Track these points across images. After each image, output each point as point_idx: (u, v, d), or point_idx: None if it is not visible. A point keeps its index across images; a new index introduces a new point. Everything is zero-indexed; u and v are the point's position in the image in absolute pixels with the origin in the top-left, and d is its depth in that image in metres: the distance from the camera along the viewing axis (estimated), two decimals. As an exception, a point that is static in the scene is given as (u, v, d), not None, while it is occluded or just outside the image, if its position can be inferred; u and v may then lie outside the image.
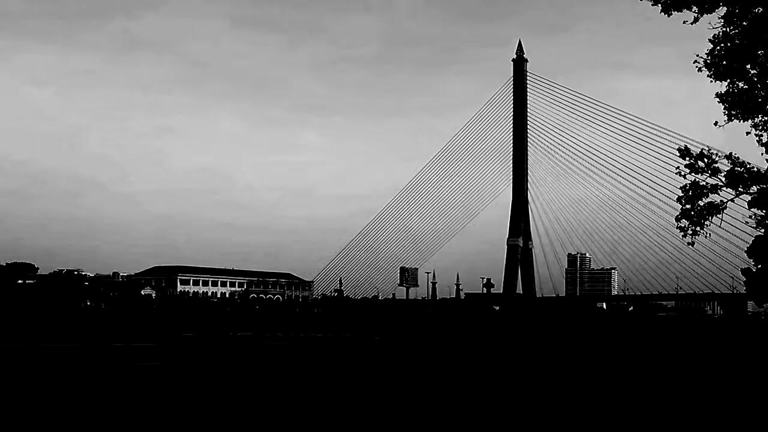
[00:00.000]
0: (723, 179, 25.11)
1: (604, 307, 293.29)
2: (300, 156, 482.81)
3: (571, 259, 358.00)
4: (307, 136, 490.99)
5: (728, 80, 23.03)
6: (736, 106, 23.17)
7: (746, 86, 23.05)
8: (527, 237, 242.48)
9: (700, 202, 25.15)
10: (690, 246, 27.23)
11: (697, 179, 25.22)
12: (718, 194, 25.58)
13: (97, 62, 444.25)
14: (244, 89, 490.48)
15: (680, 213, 25.38)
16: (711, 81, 23.13)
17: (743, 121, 23.52)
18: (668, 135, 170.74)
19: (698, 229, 25.28)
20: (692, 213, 25.10)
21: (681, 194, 25.40)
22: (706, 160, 25.21)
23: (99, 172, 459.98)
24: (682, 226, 25.35)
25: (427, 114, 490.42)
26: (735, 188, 25.32)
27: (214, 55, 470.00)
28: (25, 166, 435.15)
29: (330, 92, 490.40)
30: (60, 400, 24.56)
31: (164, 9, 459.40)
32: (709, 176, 25.12)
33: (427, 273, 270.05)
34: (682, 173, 25.62)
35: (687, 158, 25.54)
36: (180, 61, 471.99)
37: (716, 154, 25.48)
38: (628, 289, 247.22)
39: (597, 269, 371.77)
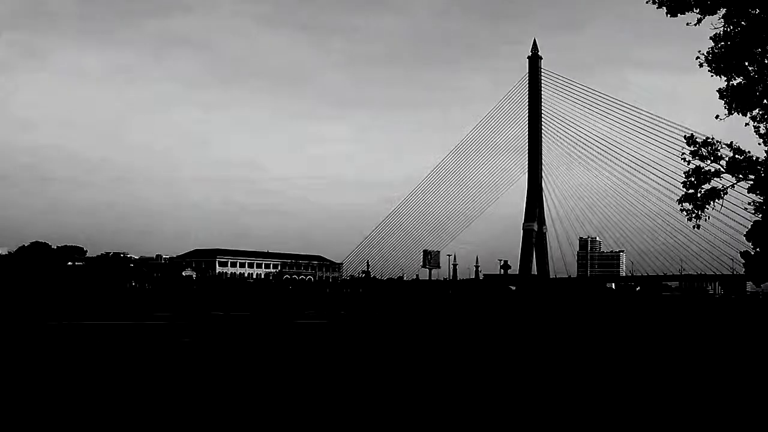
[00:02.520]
0: (724, 166, 25.47)
1: (613, 287, 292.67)
2: (328, 147, 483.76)
3: (583, 242, 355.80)
4: (334, 128, 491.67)
5: (728, 76, 23.40)
6: (735, 100, 23.52)
7: (744, 82, 23.41)
8: (541, 222, 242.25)
9: (703, 186, 25.53)
10: (695, 229, 27.57)
11: (700, 165, 25.58)
12: (720, 180, 25.96)
13: (139, 59, 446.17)
14: (276, 84, 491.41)
15: (683, 196, 25.76)
16: (712, 76, 23.52)
17: (742, 114, 23.88)
18: (673, 127, 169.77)
19: (700, 212, 25.65)
20: (695, 196, 25.49)
21: (685, 179, 25.79)
22: (709, 147, 25.57)
23: (142, 161, 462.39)
24: (686, 208, 25.73)
25: (447, 108, 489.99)
26: (735, 175, 25.67)
27: (248, 52, 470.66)
28: (75, 155, 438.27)
29: (356, 87, 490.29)
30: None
31: (201, 9, 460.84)
32: (712, 162, 25.49)
33: (449, 255, 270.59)
34: (687, 159, 25.99)
35: (692, 145, 25.92)
36: (216, 58, 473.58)
37: (719, 143, 25.84)
38: (635, 271, 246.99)
39: (606, 252, 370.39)
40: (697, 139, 25.85)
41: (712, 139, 25.84)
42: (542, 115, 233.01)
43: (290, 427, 16.56)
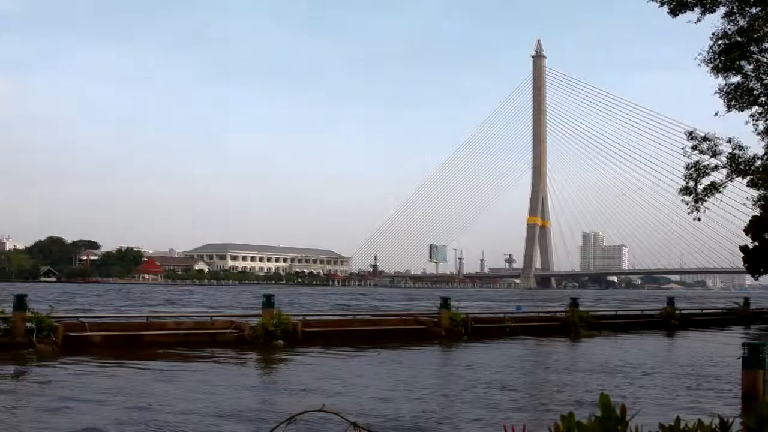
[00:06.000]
0: (723, 161, 25.45)
1: (615, 281, 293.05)
2: (338, 143, 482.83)
3: (585, 236, 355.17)
4: (344, 124, 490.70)
5: (726, 75, 23.34)
6: (734, 98, 23.47)
7: (742, 80, 23.34)
8: (545, 216, 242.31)
9: (702, 180, 25.49)
10: (696, 221, 27.53)
11: (700, 159, 25.53)
12: (719, 173, 25.93)
13: (156, 57, 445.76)
14: (288, 82, 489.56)
15: (683, 188, 25.71)
16: (711, 74, 23.48)
17: (740, 112, 23.83)
18: (673, 123, 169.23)
19: (700, 205, 25.60)
20: (695, 189, 25.45)
21: (685, 172, 25.77)
22: (709, 142, 25.53)
23: (157, 157, 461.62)
24: (686, 200, 25.68)
25: (454, 105, 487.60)
26: (734, 170, 25.63)
27: (260, 51, 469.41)
28: (91, 151, 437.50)
29: (365, 85, 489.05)
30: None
31: (215, 10, 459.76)
32: (711, 157, 25.45)
33: (455, 249, 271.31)
34: (688, 153, 25.95)
35: (693, 140, 25.87)
36: (229, 57, 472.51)
37: (719, 139, 25.80)
38: (637, 265, 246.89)
39: (608, 246, 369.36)
40: (698, 134, 25.82)
41: (713, 135, 25.80)
42: (546, 113, 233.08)
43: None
